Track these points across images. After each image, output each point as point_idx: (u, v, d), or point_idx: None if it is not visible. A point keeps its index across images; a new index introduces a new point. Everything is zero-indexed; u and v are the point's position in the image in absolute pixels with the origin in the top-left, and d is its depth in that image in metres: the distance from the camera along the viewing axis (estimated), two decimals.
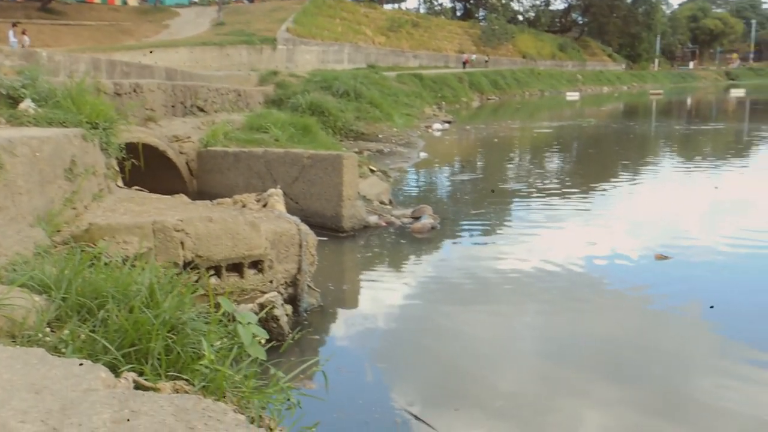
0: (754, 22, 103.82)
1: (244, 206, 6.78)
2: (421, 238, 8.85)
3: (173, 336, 3.08)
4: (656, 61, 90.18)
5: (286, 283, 6.05)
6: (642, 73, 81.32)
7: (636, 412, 4.07)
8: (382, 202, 10.45)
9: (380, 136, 18.29)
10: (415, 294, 6.65)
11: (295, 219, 6.29)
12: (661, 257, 7.46)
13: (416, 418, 4.06)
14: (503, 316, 5.89)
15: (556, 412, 4.13)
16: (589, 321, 5.77)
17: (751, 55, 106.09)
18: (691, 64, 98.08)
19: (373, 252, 8.38)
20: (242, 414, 2.30)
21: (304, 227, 6.20)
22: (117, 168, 7.19)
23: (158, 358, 2.87)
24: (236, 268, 5.60)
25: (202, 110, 13.02)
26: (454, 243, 8.70)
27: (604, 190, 12.36)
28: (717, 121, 29.97)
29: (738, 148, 19.54)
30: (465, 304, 6.27)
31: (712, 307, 5.91)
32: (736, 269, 7.17)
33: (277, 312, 5.44)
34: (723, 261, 7.44)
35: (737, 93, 53.63)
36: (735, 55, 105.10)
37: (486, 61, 57.85)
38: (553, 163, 17.54)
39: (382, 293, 6.77)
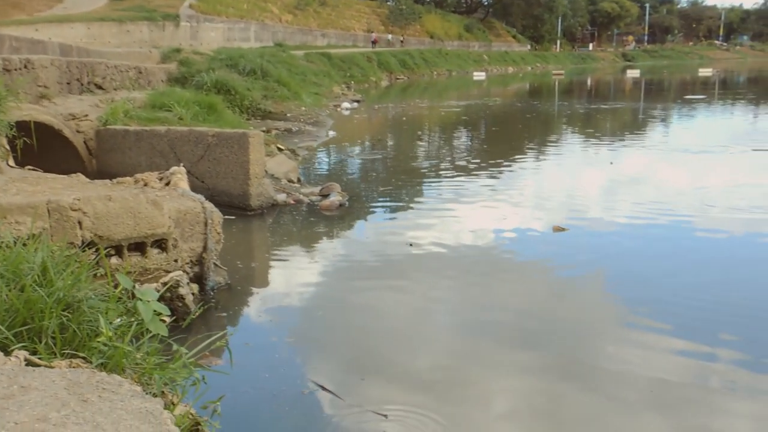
0: (647, 5, 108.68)
1: (146, 185, 6.59)
2: (330, 215, 8.87)
3: (68, 314, 2.99)
4: (558, 42, 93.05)
5: (191, 261, 5.95)
6: (545, 54, 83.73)
7: (543, 379, 4.21)
8: (290, 181, 10.39)
9: (288, 115, 18.11)
10: (324, 271, 6.67)
11: (200, 197, 6.17)
12: (559, 229, 7.78)
13: (322, 388, 4.11)
14: (414, 291, 5.96)
15: (465, 381, 4.24)
16: (498, 294, 5.93)
17: (646, 38, 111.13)
18: (591, 46, 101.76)
19: (281, 230, 8.34)
20: (139, 386, 2.27)
21: (209, 205, 6.09)
22: (7, 147, 6.83)
23: (52, 337, 2.78)
24: (139, 247, 5.47)
25: (100, 88, 12.50)
26: (364, 220, 8.75)
27: (511, 166, 12.70)
28: (615, 101, 31.28)
29: (634, 126, 20.49)
30: (375, 281, 6.32)
31: (611, 281, 6.21)
32: (634, 239, 7.53)
33: (183, 291, 5.35)
34: (621, 232, 7.81)
35: (633, 74, 56.14)
36: (630, 38, 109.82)
37: (401, 41, 58.21)
38: (461, 141, 17.88)
39: (291, 271, 6.76)
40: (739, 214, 8.32)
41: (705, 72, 54.63)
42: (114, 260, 5.25)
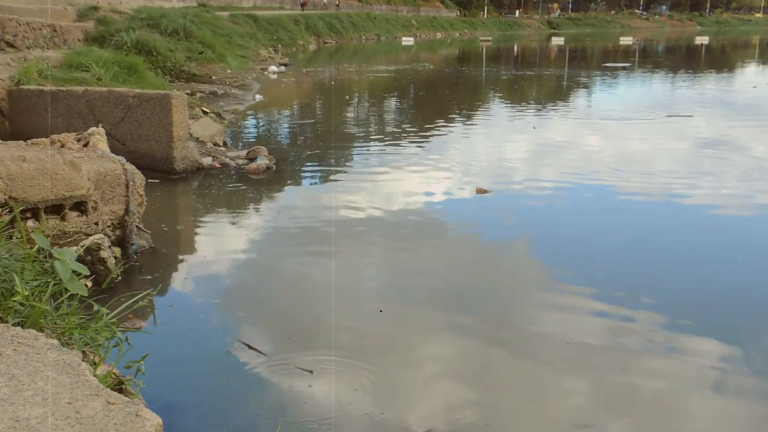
0: None
1: (62, 146, 6.37)
2: (258, 179, 8.79)
3: None
4: (485, 9, 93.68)
5: (113, 224, 5.81)
6: (473, 21, 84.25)
7: (471, 341, 4.30)
8: (216, 144, 10.21)
9: (213, 78, 17.70)
10: (252, 235, 6.63)
11: (120, 158, 6.01)
12: (481, 191, 7.95)
13: (248, 346, 4.13)
14: (343, 257, 5.95)
15: (393, 343, 4.30)
16: (426, 258, 5.97)
17: (570, 5, 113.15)
18: (517, 13, 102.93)
19: (207, 194, 8.22)
20: (56, 339, 2.24)
21: (130, 167, 5.95)
22: None
23: None
24: (57, 210, 5.30)
25: (11, 46, 11.90)
26: (293, 186, 8.71)
27: (439, 132, 12.81)
28: (540, 68, 31.86)
29: (558, 93, 20.96)
30: (303, 246, 6.29)
31: (535, 245, 6.39)
32: (556, 204, 7.74)
33: (104, 254, 5.24)
34: (545, 196, 8.02)
35: (557, 41, 57.17)
36: (555, 5, 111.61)
37: (338, 6, 57.42)
38: (390, 106, 17.91)
39: (218, 235, 6.69)
40: (656, 179, 8.66)
41: (626, 41, 56.14)
42: (30, 223, 5.08)
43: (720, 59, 39.63)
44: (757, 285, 5.26)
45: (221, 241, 6.44)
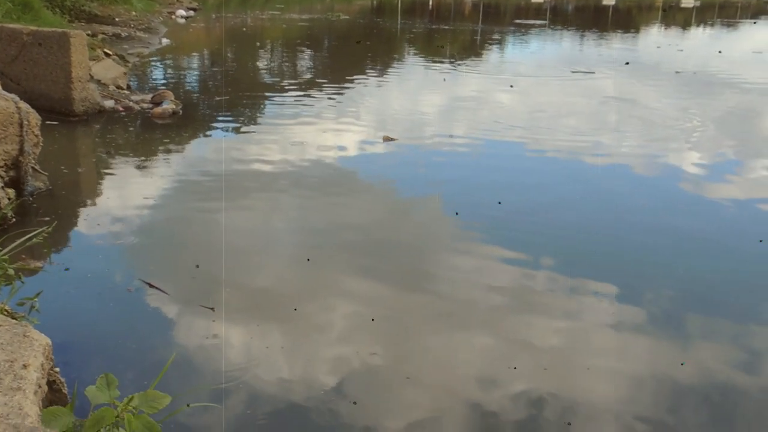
0: None
1: None
2: (163, 123, 8.57)
3: None
4: None
5: (6, 165, 5.58)
6: None
7: (385, 290, 4.37)
8: (119, 87, 9.85)
9: (117, 19, 16.92)
10: (157, 181, 6.46)
11: (13, 96, 5.74)
12: (388, 138, 8.02)
13: (149, 285, 4.11)
14: (256, 209, 5.86)
15: (302, 291, 4.31)
16: (342, 211, 5.93)
17: None
18: None
19: (109, 137, 7.95)
20: None
21: (24, 105, 5.69)
22: None
23: None
24: None
25: None
26: (200, 132, 8.52)
27: (355, 84, 12.74)
28: (455, 22, 32.01)
29: (472, 48, 21.18)
30: (213, 194, 6.15)
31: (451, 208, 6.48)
32: (468, 158, 7.84)
33: None
34: (456, 152, 8.07)
35: None
36: None
37: None
38: (304, 56, 17.65)
39: (120, 178, 6.52)
40: (561, 136, 8.89)
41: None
42: None
43: (626, 20, 40.91)
44: (650, 235, 5.60)
45: (123, 185, 6.28)
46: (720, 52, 19.45)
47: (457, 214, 5.86)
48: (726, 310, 4.28)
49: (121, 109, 8.91)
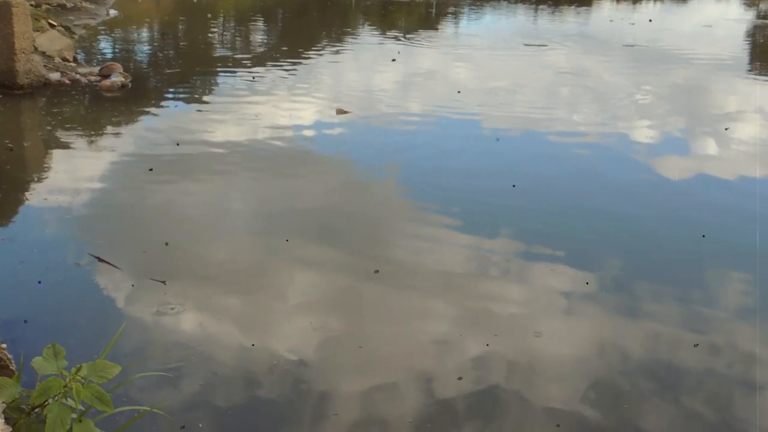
0: None
1: None
2: (112, 96, 8.37)
3: None
4: None
5: None
6: None
7: (343, 272, 4.34)
8: (65, 59, 9.57)
9: None
10: (106, 155, 6.30)
11: None
12: (341, 111, 7.97)
13: (99, 259, 4.05)
14: (207, 182, 5.76)
15: (258, 270, 4.27)
16: (298, 188, 5.85)
17: None
18: None
19: (55, 110, 7.74)
20: None
21: None
22: None
23: None
24: None
25: None
26: (151, 106, 8.31)
27: (309, 59, 12.55)
28: None
29: (426, 22, 21.10)
30: (164, 168, 6.02)
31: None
32: (422, 134, 7.79)
33: None
34: (411, 130, 7.96)
35: None
36: None
37: None
38: (257, 30, 17.35)
39: (68, 153, 6.36)
40: (518, 108, 8.95)
41: None
42: None
43: None
44: (604, 210, 5.72)
45: (71, 160, 6.14)
46: (650, 20, 19.96)
47: (409, 191, 5.84)
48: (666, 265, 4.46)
49: (67, 81, 8.67)
